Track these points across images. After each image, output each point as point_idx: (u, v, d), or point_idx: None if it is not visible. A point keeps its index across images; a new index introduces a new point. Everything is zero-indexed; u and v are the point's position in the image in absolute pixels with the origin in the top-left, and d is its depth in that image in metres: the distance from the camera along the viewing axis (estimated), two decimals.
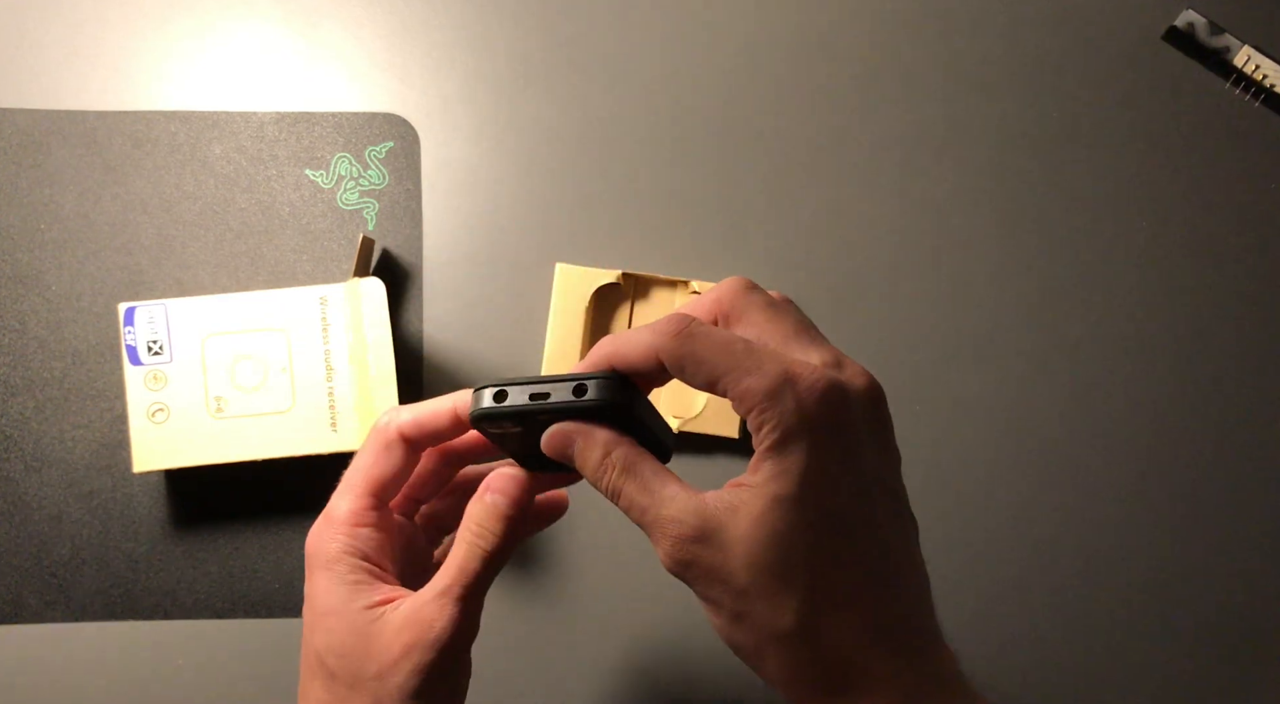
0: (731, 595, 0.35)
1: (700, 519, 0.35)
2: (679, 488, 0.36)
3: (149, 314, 0.54)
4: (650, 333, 0.36)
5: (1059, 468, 0.60)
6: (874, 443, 0.37)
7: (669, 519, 0.36)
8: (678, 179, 0.61)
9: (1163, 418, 0.61)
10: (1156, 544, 0.60)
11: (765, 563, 0.35)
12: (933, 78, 0.62)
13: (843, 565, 0.35)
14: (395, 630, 0.40)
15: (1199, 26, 0.62)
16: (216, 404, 0.54)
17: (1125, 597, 0.60)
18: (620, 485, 0.37)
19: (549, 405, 0.37)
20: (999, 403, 0.60)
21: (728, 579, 0.35)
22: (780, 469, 0.35)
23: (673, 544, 0.36)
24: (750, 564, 0.35)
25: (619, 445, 0.37)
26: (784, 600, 0.35)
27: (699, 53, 0.62)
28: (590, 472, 0.38)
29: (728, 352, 0.35)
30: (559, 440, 0.38)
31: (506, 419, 0.38)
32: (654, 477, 0.37)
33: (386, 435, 0.43)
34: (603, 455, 0.37)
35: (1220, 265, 0.62)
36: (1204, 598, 0.60)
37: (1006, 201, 0.62)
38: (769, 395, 0.34)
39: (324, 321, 0.55)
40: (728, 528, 0.35)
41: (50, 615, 0.57)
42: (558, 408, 0.37)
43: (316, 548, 0.42)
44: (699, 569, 0.36)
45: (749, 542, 0.35)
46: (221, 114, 0.61)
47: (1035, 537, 0.60)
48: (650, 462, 0.37)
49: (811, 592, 0.35)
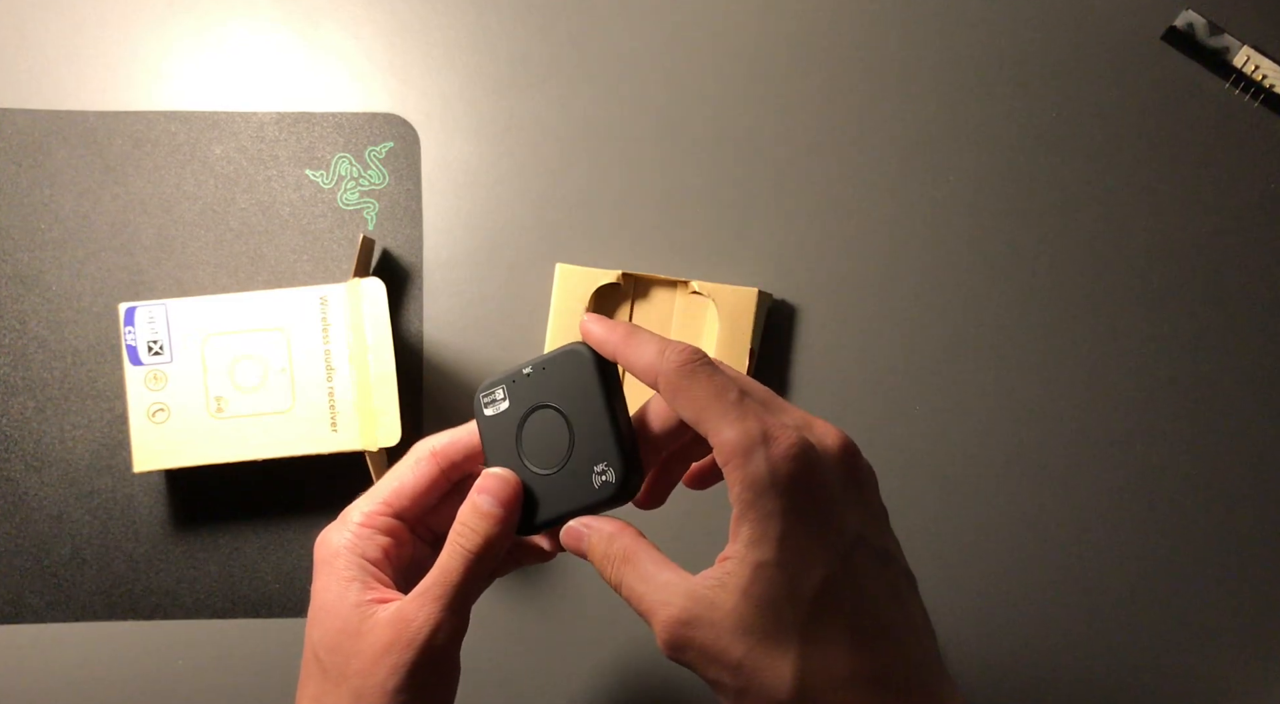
0: (730, 672, 0.36)
1: (691, 601, 0.36)
2: (674, 575, 0.37)
3: (149, 314, 0.54)
4: (657, 353, 0.38)
5: (1059, 467, 0.60)
6: (852, 500, 0.37)
7: (662, 604, 0.37)
8: (678, 179, 0.61)
9: (1163, 417, 0.61)
10: (1157, 544, 0.60)
11: (757, 634, 0.35)
12: (932, 78, 0.62)
13: (831, 628, 0.35)
14: (380, 628, 0.40)
15: (1199, 26, 0.62)
16: (216, 404, 0.54)
17: (1125, 597, 0.60)
18: (621, 576, 0.38)
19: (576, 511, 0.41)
20: (999, 402, 0.60)
21: (722, 656, 0.36)
22: (758, 534, 0.35)
23: (665, 628, 0.36)
24: (742, 636, 0.35)
25: (619, 538, 0.39)
26: (779, 669, 0.35)
27: (699, 53, 0.62)
28: (597, 560, 0.39)
29: (720, 398, 0.36)
30: (572, 539, 0.40)
31: None
32: (652, 565, 0.38)
33: (418, 451, 0.44)
34: (605, 548, 0.39)
35: (1220, 265, 0.62)
36: (1204, 597, 0.60)
37: (1006, 201, 0.62)
38: (744, 452, 0.35)
39: (324, 322, 0.55)
40: (718, 605, 0.36)
41: (51, 615, 0.57)
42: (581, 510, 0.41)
43: (323, 544, 0.43)
44: (695, 650, 0.36)
45: (738, 614, 0.35)
46: (221, 114, 0.61)
47: (1036, 536, 0.60)
48: (649, 551, 0.39)
49: (803, 659, 0.35)
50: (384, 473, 0.56)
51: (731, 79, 0.62)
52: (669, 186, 0.61)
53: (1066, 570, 0.60)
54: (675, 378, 0.37)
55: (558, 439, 0.41)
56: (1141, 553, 0.60)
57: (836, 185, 0.62)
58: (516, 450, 0.42)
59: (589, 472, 0.40)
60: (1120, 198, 0.62)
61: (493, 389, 0.43)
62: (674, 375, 0.37)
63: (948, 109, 0.62)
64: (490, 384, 0.43)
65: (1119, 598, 0.60)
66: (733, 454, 0.35)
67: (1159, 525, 0.60)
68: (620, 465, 0.40)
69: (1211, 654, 0.59)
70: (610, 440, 0.40)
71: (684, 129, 0.62)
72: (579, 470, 0.41)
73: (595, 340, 0.40)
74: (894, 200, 0.61)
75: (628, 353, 0.39)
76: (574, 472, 0.41)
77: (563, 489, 0.41)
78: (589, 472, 0.40)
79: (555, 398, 0.42)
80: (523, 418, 0.42)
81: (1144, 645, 0.59)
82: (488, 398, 0.43)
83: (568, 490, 0.41)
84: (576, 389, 0.41)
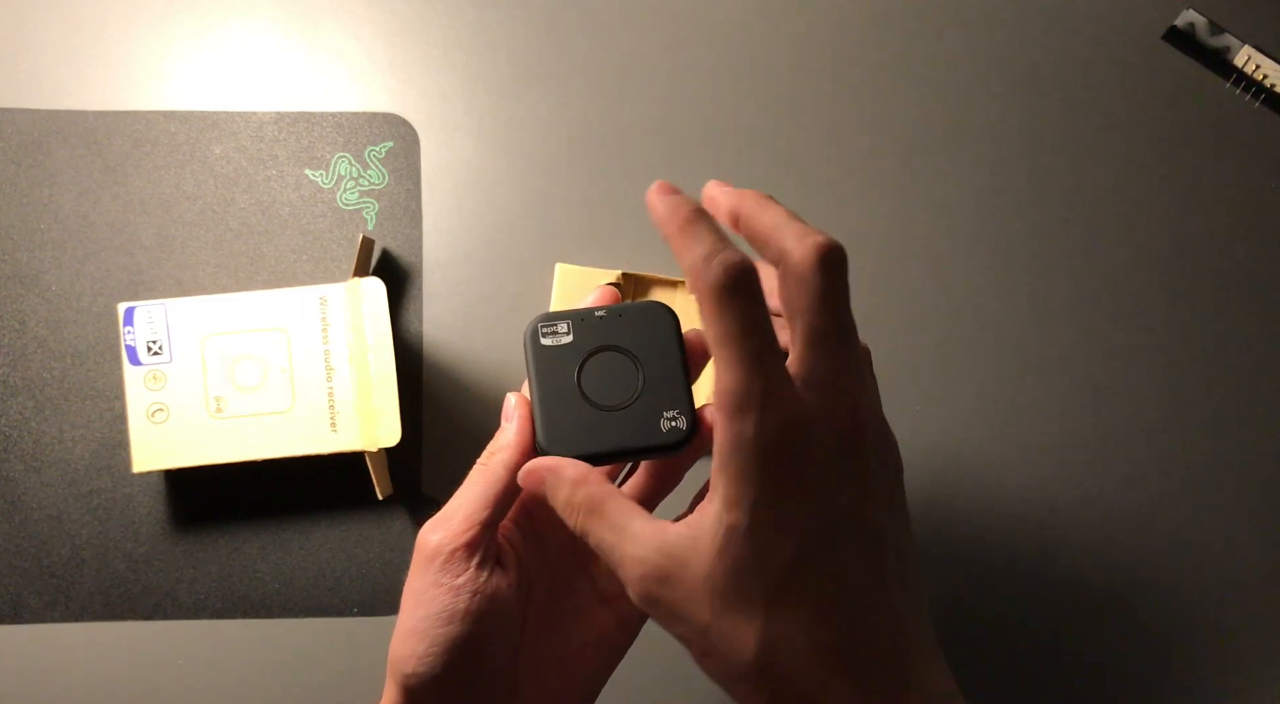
0: (696, 633, 0.35)
1: (663, 557, 0.35)
2: (644, 524, 0.36)
3: (149, 314, 0.54)
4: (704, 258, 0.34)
5: (1059, 466, 0.60)
6: (845, 474, 0.36)
7: (633, 559, 0.36)
8: (678, 179, 0.61)
9: (1163, 416, 0.61)
10: (1156, 544, 0.60)
11: (724, 599, 0.35)
12: (932, 78, 0.62)
13: (799, 601, 0.34)
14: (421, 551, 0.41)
15: (1199, 26, 0.62)
16: (216, 404, 0.54)
17: (1126, 597, 0.60)
18: (587, 526, 0.38)
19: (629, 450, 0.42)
20: (998, 402, 0.60)
21: (691, 617, 0.35)
22: (733, 496, 0.34)
23: (637, 583, 0.36)
24: (712, 602, 0.35)
25: (584, 485, 0.38)
26: (743, 636, 0.35)
27: (699, 53, 0.62)
28: (559, 509, 0.39)
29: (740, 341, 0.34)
30: (532, 481, 0.40)
31: None
32: (620, 514, 0.37)
33: None
34: (569, 494, 0.38)
35: (1220, 265, 0.62)
36: (1206, 595, 0.60)
37: (1006, 201, 0.62)
38: (736, 408, 0.34)
39: (324, 321, 0.55)
40: (689, 565, 0.35)
41: (50, 615, 0.57)
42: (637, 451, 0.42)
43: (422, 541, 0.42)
44: (664, 607, 0.36)
45: (709, 577, 0.35)
46: (221, 114, 0.61)
47: (1035, 536, 0.60)
48: (617, 499, 0.38)
49: (767, 628, 0.34)
50: (384, 473, 0.56)
51: (731, 79, 0.62)
52: None
53: (1062, 566, 0.60)
54: (708, 294, 0.34)
55: (624, 380, 0.42)
56: (1143, 552, 0.60)
57: (836, 185, 0.62)
58: (576, 380, 0.42)
59: (658, 415, 0.41)
60: (1120, 197, 0.62)
61: (555, 322, 0.43)
62: (708, 291, 0.34)
63: (948, 109, 0.62)
64: (552, 316, 0.43)
65: (1119, 598, 0.60)
66: (724, 405, 0.34)
67: (1159, 524, 0.60)
68: (691, 416, 0.41)
69: (1212, 654, 0.59)
70: (683, 392, 0.42)
71: (684, 129, 0.62)
72: (646, 412, 0.41)
73: (655, 216, 0.37)
74: (894, 200, 0.61)
75: (677, 243, 0.36)
76: (640, 412, 0.41)
77: (624, 426, 0.41)
78: (658, 415, 0.41)
79: (628, 342, 0.42)
80: (589, 353, 0.43)
81: (1144, 645, 0.59)
82: (547, 328, 0.43)
83: (630, 428, 0.41)
84: (653, 340, 0.42)
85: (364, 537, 0.58)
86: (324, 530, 0.58)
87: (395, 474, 0.58)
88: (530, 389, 0.43)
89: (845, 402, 0.36)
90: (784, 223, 0.37)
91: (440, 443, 0.58)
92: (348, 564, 0.58)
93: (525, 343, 0.43)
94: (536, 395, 0.42)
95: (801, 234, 0.36)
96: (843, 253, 0.36)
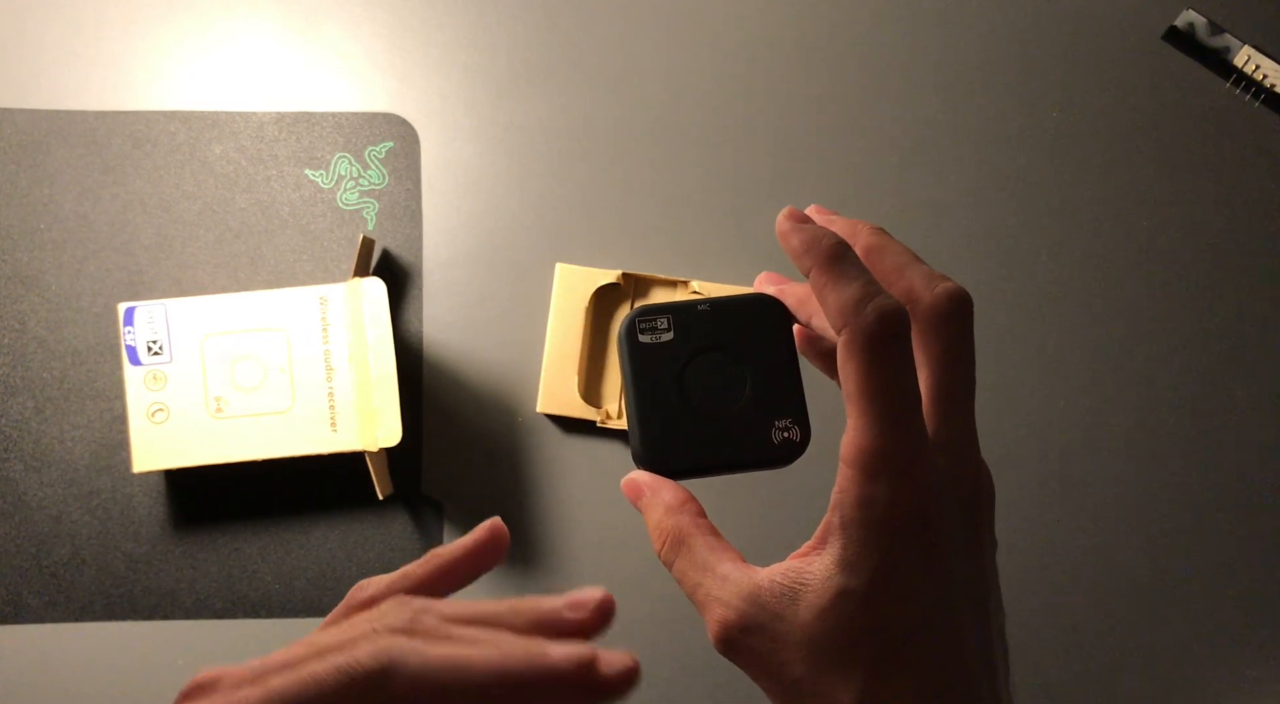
0: (782, 686, 0.34)
1: (754, 608, 0.34)
2: (733, 567, 0.35)
3: (149, 314, 0.54)
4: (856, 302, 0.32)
5: (1059, 466, 0.60)
6: (967, 543, 0.34)
7: (719, 602, 0.34)
8: (678, 179, 0.61)
9: (1163, 416, 0.61)
10: (1156, 544, 0.60)
11: (824, 660, 0.33)
12: (932, 78, 0.62)
13: (906, 670, 0.33)
14: None
15: (1199, 26, 0.62)
16: (216, 404, 0.54)
17: (1125, 594, 0.60)
18: (672, 557, 0.36)
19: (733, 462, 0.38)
20: (998, 402, 0.60)
21: (779, 670, 0.33)
22: (852, 558, 0.32)
23: (722, 629, 0.34)
24: (807, 658, 0.33)
25: (676, 514, 0.36)
26: (840, 695, 0.33)
27: (699, 53, 0.62)
28: (649, 529, 0.37)
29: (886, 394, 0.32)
30: (631, 493, 0.38)
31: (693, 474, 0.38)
32: (709, 553, 0.35)
33: None
34: (659, 519, 0.36)
35: (1220, 264, 0.62)
36: (1205, 595, 0.60)
37: (1006, 201, 0.62)
38: (872, 468, 0.32)
39: (324, 322, 0.55)
40: (785, 618, 0.33)
41: (50, 615, 0.57)
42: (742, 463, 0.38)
43: None
44: (749, 657, 0.34)
45: (808, 635, 0.33)
46: (221, 114, 0.61)
47: (1034, 536, 0.60)
48: (707, 536, 0.36)
49: (865, 695, 0.33)
50: (384, 473, 0.56)
51: (731, 79, 0.62)
52: (669, 186, 0.61)
53: (1067, 571, 0.60)
54: (862, 343, 0.32)
55: (731, 382, 0.38)
56: (1143, 553, 0.60)
57: (837, 185, 0.62)
58: (678, 383, 0.39)
59: (769, 424, 0.38)
60: (1120, 197, 0.62)
61: (655, 317, 0.39)
62: (862, 339, 0.32)
63: (948, 108, 0.62)
64: (651, 309, 0.39)
65: (1119, 596, 0.60)
66: (860, 462, 0.32)
67: (1158, 524, 0.60)
68: (805, 426, 0.37)
69: (1213, 654, 0.59)
70: (797, 398, 0.38)
71: (683, 129, 0.62)
72: (755, 422, 0.38)
73: (791, 247, 0.35)
74: (894, 200, 0.61)
75: (822, 279, 0.33)
76: (748, 422, 0.38)
77: (731, 436, 0.38)
78: (769, 424, 0.38)
79: (734, 339, 0.39)
80: (693, 353, 0.39)
81: (1145, 645, 0.59)
82: (646, 324, 0.39)
83: (737, 438, 0.38)
84: (761, 338, 0.39)
85: (364, 537, 0.58)
86: (324, 530, 0.58)
87: (395, 474, 0.58)
88: (625, 391, 0.40)
89: (969, 464, 0.35)
90: (910, 263, 0.36)
91: (440, 443, 0.58)
92: (348, 564, 0.58)
93: (620, 340, 0.39)
94: (633, 400, 0.39)
95: (929, 277, 0.35)
96: (971, 302, 0.35)
